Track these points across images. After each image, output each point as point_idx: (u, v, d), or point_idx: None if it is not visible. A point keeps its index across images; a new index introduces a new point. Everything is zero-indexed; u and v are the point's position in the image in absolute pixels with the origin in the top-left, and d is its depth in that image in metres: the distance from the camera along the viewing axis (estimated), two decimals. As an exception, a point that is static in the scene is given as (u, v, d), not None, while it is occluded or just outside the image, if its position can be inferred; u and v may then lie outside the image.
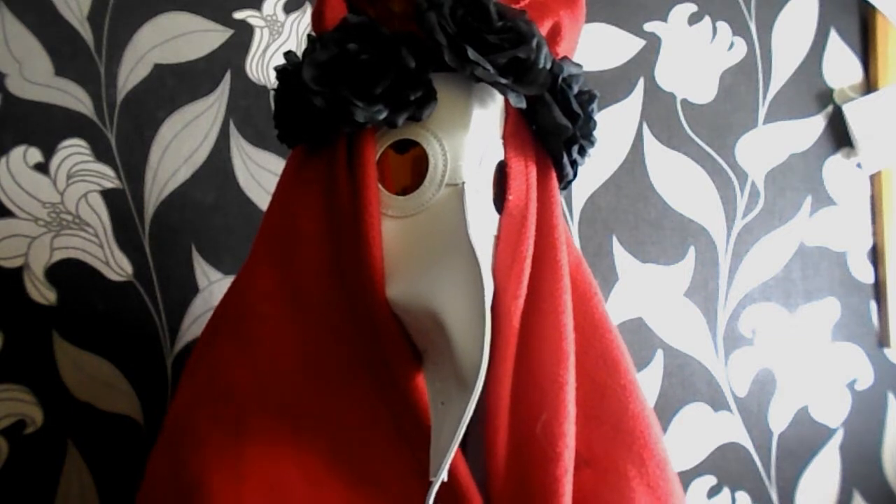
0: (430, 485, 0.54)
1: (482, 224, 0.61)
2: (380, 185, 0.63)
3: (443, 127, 0.63)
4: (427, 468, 0.55)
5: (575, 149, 0.68)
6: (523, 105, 0.63)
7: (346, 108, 0.60)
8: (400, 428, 0.60)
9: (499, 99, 0.66)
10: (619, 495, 0.63)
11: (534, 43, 0.62)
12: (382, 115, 0.61)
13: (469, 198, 0.61)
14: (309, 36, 0.66)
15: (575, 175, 0.71)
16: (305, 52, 0.64)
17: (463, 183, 0.62)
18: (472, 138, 0.63)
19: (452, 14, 0.61)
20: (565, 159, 0.68)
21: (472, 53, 0.60)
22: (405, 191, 0.64)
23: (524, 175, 0.65)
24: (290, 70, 0.66)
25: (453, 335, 0.54)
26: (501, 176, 0.65)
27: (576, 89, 0.67)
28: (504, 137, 0.66)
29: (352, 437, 0.60)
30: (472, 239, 0.57)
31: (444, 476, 0.53)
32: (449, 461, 0.53)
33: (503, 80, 0.61)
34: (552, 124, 0.66)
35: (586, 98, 0.68)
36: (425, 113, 0.61)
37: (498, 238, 0.63)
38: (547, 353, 0.61)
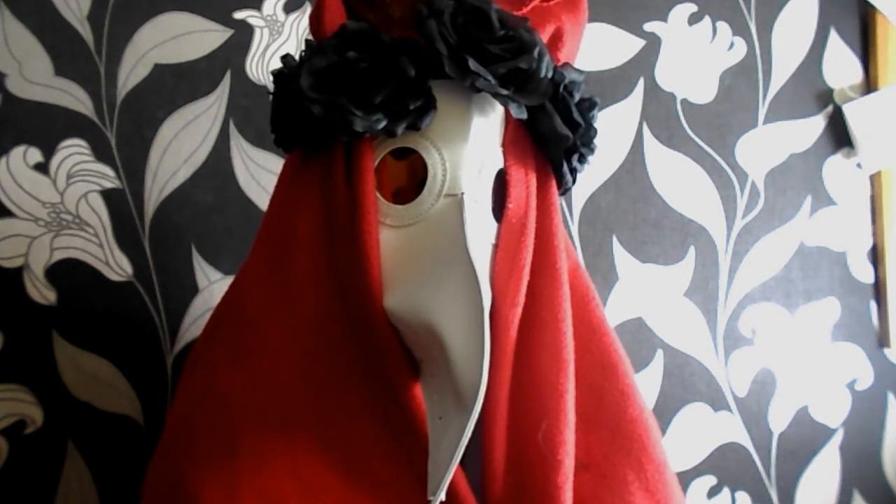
0: (428, 503, 0.53)
1: (480, 234, 0.61)
2: (378, 194, 0.62)
3: (442, 136, 0.62)
4: (425, 479, 0.55)
5: (575, 157, 0.68)
6: (524, 116, 0.62)
7: (344, 117, 0.60)
8: (397, 438, 0.60)
9: (499, 107, 0.65)
10: (618, 499, 0.63)
11: (535, 52, 0.61)
12: (381, 125, 0.60)
13: (468, 209, 0.60)
14: (307, 42, 0.65)
15: (574, 182, 0.70)
16: (303, 59, 0.64)
17: (462, 193, 0.61)
18: (472, 148, 0.63)
19: (453, 22, 0.60)
20: (565, 167, 0.68)
21: (472, 64, 0.59)
22: (403, 197, 0.63)
23: (524, 183, 0.65)
24: (287, 75, 0.65)
25: (451, 353, 0.53)
26: (501, 184, 0.65)
27: (577, 97, 0.66)
28: (504, 145, 0.66)
29: (348, 449, 0.60)
30: (471, 252, 0.56)
31: (442, 496, 0.53)
32: (448, 481, 0.52)
33: (504, 91, 0.60)
34: (553, 133, 0.65)
35: (587, 105, 0.68)
36: (424, 122, 0.61)
37: (497, 246, 0.63)
38: (546, 361, 0.60)
